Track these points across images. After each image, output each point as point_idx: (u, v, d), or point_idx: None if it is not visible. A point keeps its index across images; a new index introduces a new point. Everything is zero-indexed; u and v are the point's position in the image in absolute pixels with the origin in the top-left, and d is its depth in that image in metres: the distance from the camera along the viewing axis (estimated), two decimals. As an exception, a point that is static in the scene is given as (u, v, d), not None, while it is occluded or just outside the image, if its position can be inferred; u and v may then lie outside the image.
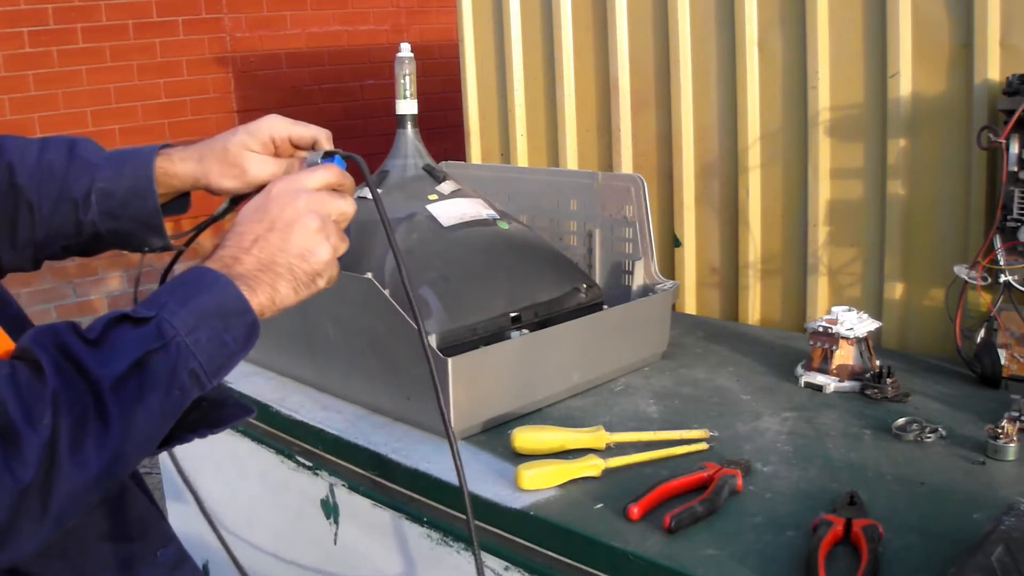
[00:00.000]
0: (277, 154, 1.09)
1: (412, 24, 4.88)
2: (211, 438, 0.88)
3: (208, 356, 0.80)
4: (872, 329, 1.62)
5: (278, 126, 1.08)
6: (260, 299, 0.86)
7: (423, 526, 1.39)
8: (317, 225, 0.90)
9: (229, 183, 1.07)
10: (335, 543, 1.59)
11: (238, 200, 1.10)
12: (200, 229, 1.15)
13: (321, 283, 0.92)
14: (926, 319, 1.83)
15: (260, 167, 1.06)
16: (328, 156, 1.04)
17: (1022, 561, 0.96)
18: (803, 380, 1.63)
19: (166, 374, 0.77)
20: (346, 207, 0.95)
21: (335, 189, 0.96)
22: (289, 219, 0.89)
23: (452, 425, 1.43)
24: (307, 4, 4.62)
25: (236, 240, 0.89)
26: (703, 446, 1.38)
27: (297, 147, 1.09)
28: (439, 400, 1.05)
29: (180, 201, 1.10)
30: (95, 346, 0.76)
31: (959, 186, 1.75)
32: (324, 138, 1.10)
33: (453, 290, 1.54)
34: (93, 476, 0.73)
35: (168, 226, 1.08)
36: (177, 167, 1.06)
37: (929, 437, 1.37)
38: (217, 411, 0.86)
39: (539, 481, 1.27)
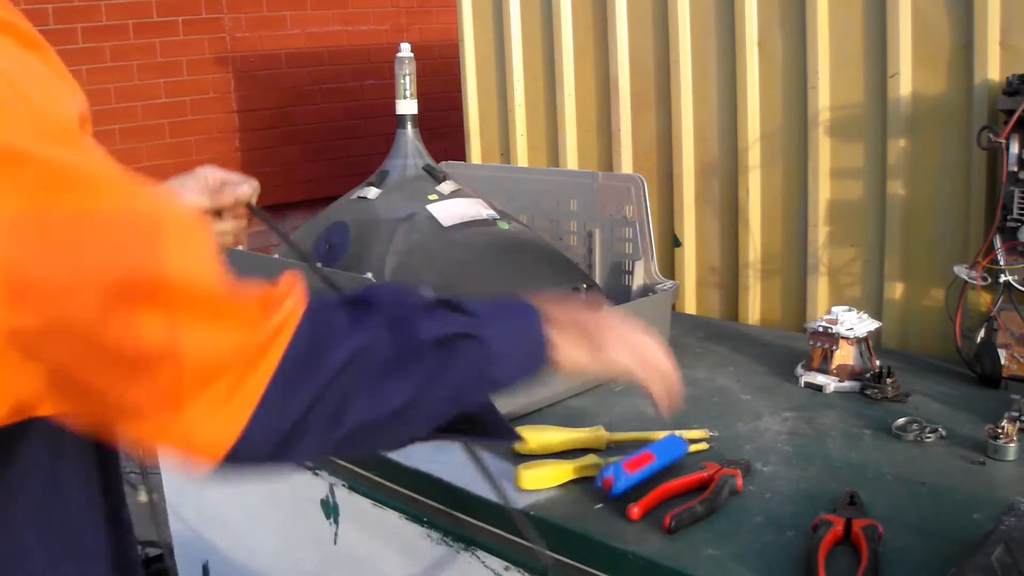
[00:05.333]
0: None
1: (412, 24, 4.88)
2: None
3: (505, 368, 0.85)
4: (872, 329, 1.62)
5: (212, 172, 1.18)
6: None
7: (423, 526, 1.39)
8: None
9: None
10: (335, 543, 1.59)
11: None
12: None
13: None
14: (926, 319, 1.83)
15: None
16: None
17: (1022, 561, 0.96)
18: (803, 380, 1.63)
19: (471, 359, 0.81)
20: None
21: None
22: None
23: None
24: (307, 4, 4.61)
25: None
26: (703, 446, 1.38)
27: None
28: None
29: None
30: (426, 310, 0.81)
31: (959, 186, 1.75)
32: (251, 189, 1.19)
33: (453, 290, 1.54)
34: (386, 414, 0.75)
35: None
36: None
37: (929, 437, 1.37)
38: (488, 423, 0.93)
39: (539, 481, 1.27)
